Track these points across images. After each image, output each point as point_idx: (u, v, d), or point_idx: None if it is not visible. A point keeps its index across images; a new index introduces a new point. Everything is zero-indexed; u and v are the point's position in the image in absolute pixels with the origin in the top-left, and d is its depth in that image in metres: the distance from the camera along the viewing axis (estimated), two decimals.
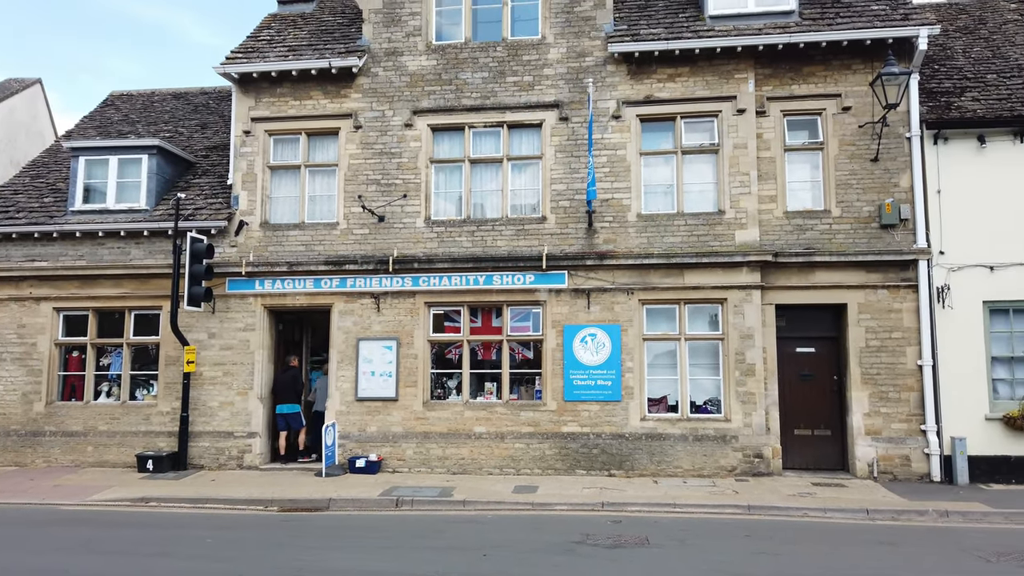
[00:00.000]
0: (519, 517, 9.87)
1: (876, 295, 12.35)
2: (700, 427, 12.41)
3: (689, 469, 12.26)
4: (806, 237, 12.56)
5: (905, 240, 12.30)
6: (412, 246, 13.25)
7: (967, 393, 11.94)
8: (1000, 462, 11.75)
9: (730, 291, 12.50)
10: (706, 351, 12.74)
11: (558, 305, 12.87)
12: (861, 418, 12.19)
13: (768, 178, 12.73)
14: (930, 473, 11.88)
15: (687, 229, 12.76)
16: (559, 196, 13.04)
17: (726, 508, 10.13)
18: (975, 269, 12.09)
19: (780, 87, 12.79)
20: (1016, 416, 11.67)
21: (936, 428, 11.90)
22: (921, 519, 9.70)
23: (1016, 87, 12.77)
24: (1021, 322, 12.10)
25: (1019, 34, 14.00)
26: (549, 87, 13.21)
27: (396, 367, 13.07)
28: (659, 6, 13.77)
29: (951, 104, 12.58)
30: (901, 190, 12.39)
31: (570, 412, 12.68)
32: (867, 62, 12.49)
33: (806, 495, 10.74)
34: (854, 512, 9.87)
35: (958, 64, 13.49)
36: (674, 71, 12.93)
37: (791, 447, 12.61)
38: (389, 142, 13.52)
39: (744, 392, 12.33)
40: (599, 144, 12.96)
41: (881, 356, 12.26)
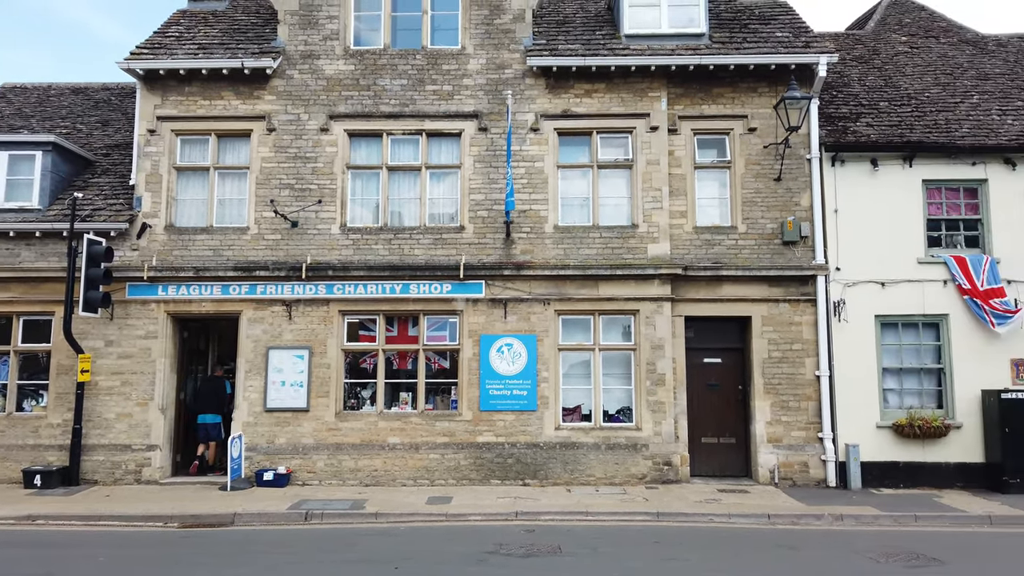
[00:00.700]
0: (433, 528, 9.76)
1: (778, 308, 12.91)
2: (612, 436, 12.63)
3: (601, 477, 12.45)
4: (714, 252, 13.01)
5: (805, 256, 12.93)
6: (327, 253, 12.98)
7: (861, 402, 12.61)
8: (890, 467, 12.46)
9: (642, 303, 12.81)
10: (619, 361, 13.00)
11: (475, 315, 12.87)
12: (764, 426, 12.70)
13: (679, 194, 13.14)
14: (827, 479, 12.47)
15: (602, 242, 13.01)
16: (478, 206, 13.06)
17: (637, 515, 10.33)
18: (868, 285, 12.81)
19: (691, 107, 13.25)
20: (904, 424, 12.40)
21: (832, 436, 12.52)
22: (818, 523, 10.16)
23: (906, 114, 13.67)
24: (909, 335, 12.90)
25: (908, 65, 15.01)
26: (468, 97, 13.24)
27: (308, 377, 12.74)
28: (577, 22, 14.04)
29: (847, 128, 13.35)
30: (802, 209, 13.03)
31: (486, 422, 12.67)
32: (772, 86, 13.11)
33: (712, 501, 11.08)
34: (757, 517, 10.25)
35: (854, 91, 14.34)
36: (591, 87, 13.20)
37: (698, 455, 12.99)
38: (304, 146, 13.22)
39: (655, 401, 12.63)
40: (518, 156, 13.07)
41: (782, 367, 12.81)
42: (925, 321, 12.83)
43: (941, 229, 13.06)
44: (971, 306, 12.55)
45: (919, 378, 12.86)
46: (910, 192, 12.97)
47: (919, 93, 14.21)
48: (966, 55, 15.28)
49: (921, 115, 13.62)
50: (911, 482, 12.35)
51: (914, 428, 12.29)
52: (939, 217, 13.06)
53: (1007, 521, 10.18)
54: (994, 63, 15.01)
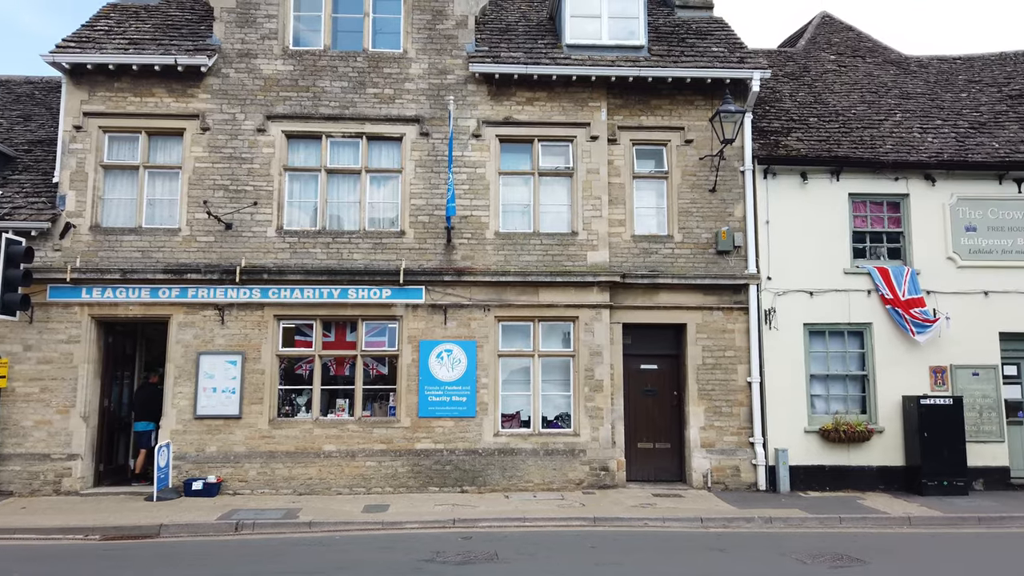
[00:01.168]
0: (368, 537, 9.62)
1: (712, 316, 13.22)
2: (551, 442, 12.70)
3: (539, 483, 12.49)
4: (651, 260, 13.25)
5: (738, 266, 13.28)
6: (262, 256, 12.69)
7: (790, 408, 13.01)
8: (817, 471, 12.87)
9: (582, 309, 12.93)
10: (558, 367, 13.09)
11: (415, 320, 12.77)
12: (697, 431, 12.97)
13: (618, 203, 13.33)
14: (757, 482, 12.81)
15: (543, 248, 13.09)
16: (418, 211, 12.98)
17: (573, 521, 10.40)
18: (797, 294, 13.25)
19: (630, 117, 13.48)
20: (830, 429, 12.84)
21: (763, 440, 12.87)
22: (748, 526, 10.42)
23: (834, 130, 14.20)
24: (835, 343, 13.38)
25: (837, 83, 15.61)
26: (410, 101, 13.17)
27: (241, 383, 12.42)
28: (519, 31, 14.13)
29: (779, 143, 13.79)
30: (735, 219, 13.38)
31: (424, 428, 12.57)
32: (708, 99, 13.44)
33: (647, 506, 11.24)
34: (690, 521, 10.45)
35: (786, 107, 14.83)
36: (532, 95, 13.29)
37: (634, 460, 13.18)
38: (240, 147, 12.91)
39: (592, 407, 12.76)
40: (459, 161, 13.05)
41: (716, 373, 13.12)
42: (850, 329, 13.32)
43: (866, 241, 13.61)
44: (893, 315, 13.09)
45: (844, 384, 13.35)
46: (837, 205, 13.47)
47: (846, 110, 14.79)
48: (890, 75, 15.98)
49: (848, 131, 14.17)
50: (836, 485, 12.79)
51: (839, 433, 12.73)
52: (864, 229, 13.61)
53: (925, 522, 10.63)
54: (916, 83, 15.75)
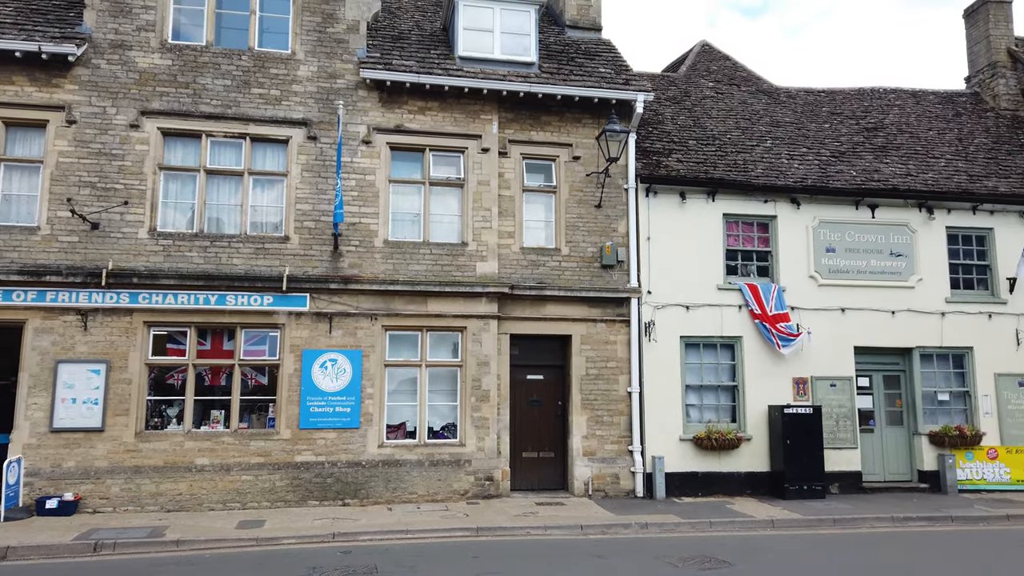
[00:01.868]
0: (242, 555, 9.23)
1: (596, 328, 13.60)
2: (436, 452, 12.64)
3: (424, 495, 12.40)
4: (539, 272, 13.49)
5: (621, 280, 13.75)
6: (132, 259, 11.98)
7: (667, 417, 13.56)
8: (691, 477, 13.47)
9: (470, 320, 12.98)
10: (445, 378, 13.07)
11: (298, 329, 12.41)
12: (580, 440, 13.28)
13: (508, 215, 13.51)
14: (635, 489, 13.25)
15: (432, 258, 13.06)
16: (304, 216, 12.65)
17: (457, 531, 10.39)
18: (675, 308, 13.85)
19: (521, 132, 13.71)
20: (703, 437, 13.47)
21: (641, 449, 13.34)
22: (626, 531, 10.76)
23: (711, 153, 15.00)
24: (708, 355, 14.07)
25: (714, 109, 16.51)
26: (298, 104, 12.84)
27: (105, 393, 11.63)
28: (412, 39, 14.09)
29: (661, 163, 14.42)
30: (619, 235, 13.86)
31: (305, 440, 12.21)
32: (595, 118, 13.88)
33: (530, 514, 11.39)
34: (571, 528, 10.67)
35: (667, 129, 15.53)
36: (424, 104, 13.27)
37: (519, 469, 13.33)
38: (110, 142, 12.16)
39: (479, 417, 12.82)
40: (348, 167, 12.84)
41: (598, 383, 13.49)
42: (723, 342, 14.06)
43: (738, 259, 14.43)
44: (761, 329, 13.93)
45: (717, 394, 14.06)
46: (712, 224, 14.22)
47: (722, 134, 15.66)
48: (762, 103, 17.06)
49: (723, 155, 15.01)
50: (708, 490, 13.42)
51: (711, 440, 13.38)
52: (737, 248, 14.42)
53: (786, 524, 11.33)
54: (785, 112, 16.89)
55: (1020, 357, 14.69)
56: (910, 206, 14.82)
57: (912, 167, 15.57)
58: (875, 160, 15.67)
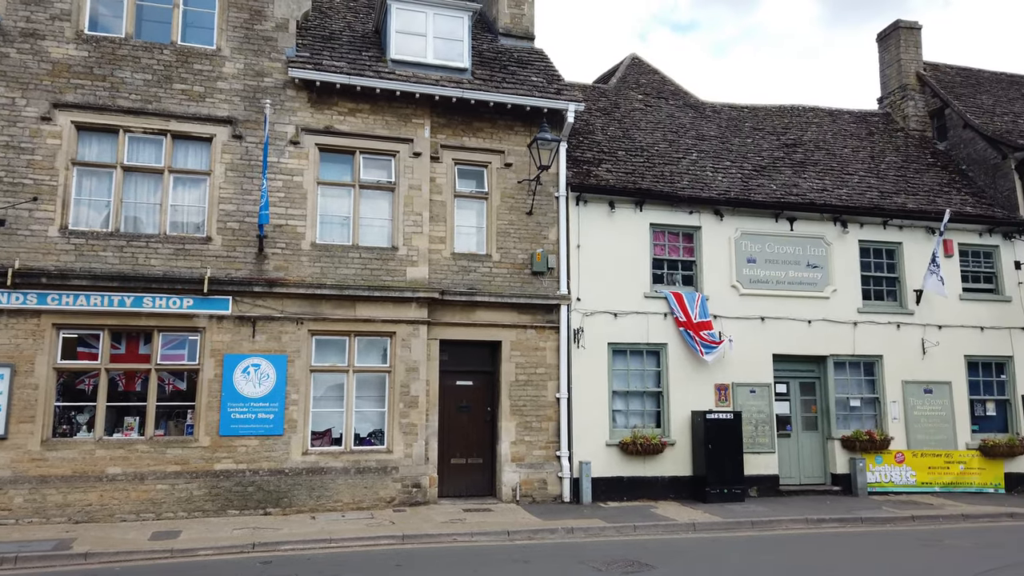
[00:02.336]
0: (154, 567, 8.86)
1: (526, 334, 13.68)
2: (363, 459, 12.45)
3: (349, 502, 12.19)
4: (470, 278, 13.49)
5: (551, 286, 13.87)
6: (41, 258, 11.39)
7: (594, 422, 13.73)
8: (616, 482, 13.66)
9: (399, 325, 12.86)
10: (373, 383, 12.90)
11: (220, 333, 12.04)
12: (508, 446, 13.31)
13: (439, 220, 13.46)
14: (562, 494, 13.35)
15: (361, 262, 12.89)
16: (228, 217, 12.30)
17: (382, 539, 10.25)
18: (603, 315, 14.06)
19: (453, 137, 13.70)
20: (629, 442, 13.69)
21: (568, 454, 13.46)
22: (552, 536, 10.82)
23: (639, 164, 15.32)
24: (635, 362, 14.34)
25: (643, 121, 16.88)
26: (223, 101, 12.48)
27: (8, 400, 11.01)
28: (343, 40, 13.91)
29: (591, 172, 14.64)
30: (550, 242, 13.99)
31: (226, 448, 11.84)
32: (527, 126, 13.99)
33: (457, 521, 11.34)
34: (497, 534, 10.66)
35: (597, 139, 15.79)
36: (355, 106, 13.11)
37: (447, 475, 13.26)
38: (19, 135, 11.55)
39: (407, 423, 12.69)
40: (275, 168, 12.55)
41: (528, 389, 13.56)
42: (649, 349, 14.35)
43: (664, 268, 14.76)
44: (686, 337, 14.27)
45: (643, 400, 14.33)
46: (640, 233, 14.51)
47: (650, 146, 16.03)
48: (689, 117, 17.55)
49: (651, 166, 15.35)
50: (634, 495, 13.65)
51: (637, 446, 13.62)
52: (663, 257, 14.76)
53: (707, 527, 11.62)
54: (710, 126, 17.41)
55: (925, 365, 15.50)
56: (826, 220, 15.47)
57: (828, 183, 16.28)
58: (794, 175, 16.31)
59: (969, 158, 18.00)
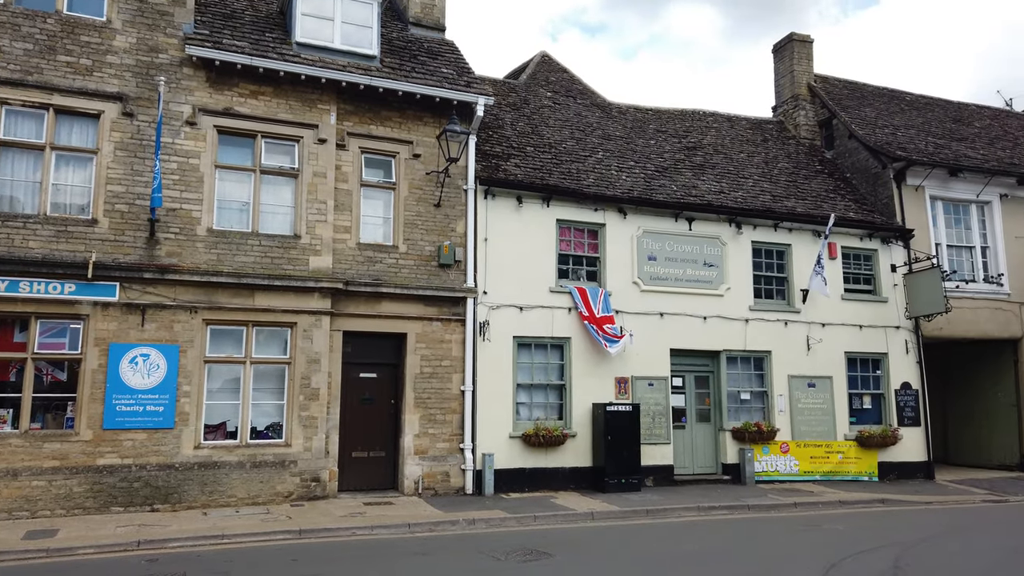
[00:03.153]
0: (27, 568, 8.32)
1: (432, 327, 13.62)
2: (259, 453, 12.08)
3: (244, 498, 11.80)
4: (375, 269, 13.30)
5: (458, 279, 13.86)
6: None
7: (498, 415, 13.83)
8: (518, 473, 13.81)
9: (301, 316, 12.54)
10: (272, 375, 12.53)
11: (105, 320, 11.39)
12: (412, 439, 13.23)
13: (344, 209, 13.20)
14: (465, 487, 13.39)
15: (261, 250, 12.48)
16: (117, 199, 11.65)
17: (277, 535, 9.98)
18: (509, 308, 14.17)
19: (360, 125, 13.46)
20: (532, 434, 13.87)
21: (472, 446, 13.51)
22: (453, 528, 10.84)
23: (547, 160, 15.51)
24: (539, 355, 14.53)
25: (551, 118, 17.10)
26: (112, 76, 11.80)
27: None
28: (246, 19, 13.41)
29: (499, 166, 14.71)
30: (457, 235, 13.97)
31: (110, 442, 11.22)
32: (436, 117, 13.91)
33: (357, 515, 11.18)
34: (398, 527, 10.59)
35: (507, 134, 15.88)
36: (257, 88, 12.67)
37: (348, 469, 13.04)
38: None
39: (307, 416, 12.40)
40: (169, 149, 11.97)
41: (432, 382, 13.51)
42: (553, 342, 14.57)
43: (569, 263, 15.02)
44: (589, 331, 14.57)
45: (546, 393, 14.54)
46: (546, 229, 14.70)
47: (558, 143, 16.26)
48: (596, 116, 17.90)
49: (559, 163, 15.58)
50: (535, 486, 13.84)
51: (539, 437, 13.81)
52: (568, 252, 15.01)
53: (606, 516, 11.92)
54: (616, 127, 17.82)
55: (810, 361, 16.43)
56: (722, 221, 16.13)
57: (725, 185, 16.98)
58: (694, 177, 16.93)
59: (853, 167, 19.19)
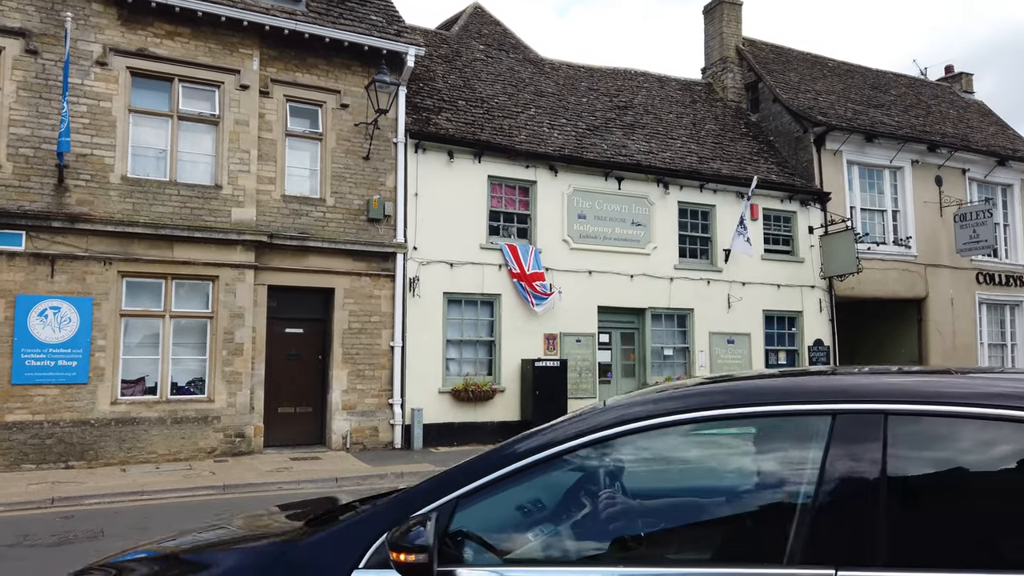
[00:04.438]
0: None
1: (360, 282, 13.45)
2: (181, 409, 11.79)
3: (165, 454, 11.54)
4: (302, 222, 12.99)
5: (387, 234, 13.69)
6: None
7: (428, 370, 13.86)
8: (447, 428, 13.94)
9: (223, 269, 12.18)
10: (194, 330, 12.18)
11: (11, 271, 10.80)
12: (340, 395, 13.14)
13: (269, 159, 12.79)
14: (394, 441, 13.44)
15: (180, 200, 12.01)
16: (21, 142, 10.95)
17: (200, 491, 9.81)
18: (439, 265, 14.12)
19: (285, 72, 12.99)
20: (461, 389, 13.98)
21: (401, 401, 13.53)
22: (381, 482, 10.86)
23: (478, 115, 15.35)
24: (469, 311, 14.57)
25: (484, 72, 16.88)
26: (13, 10, 10.99)
27: None
28: None
29: (430, 120, 14.48)
30: (387, 189, 13.75)
31: (19, 398, 10.75)
32: (365, 67, 13.53)
33: (283, 469, 11.09)
34: (325, 481, 10.55)
35: (438, 87, 15.61)
36: (174, 29, 12.03)
37: (274, 425, 12.89)
38: None
39: (231, 372, 12.14)
40: (78, 91, 11.29)
41: (361, 338, 13.40)
42: (483, 299, 14.63)
43: (500, 220, 15.02)
44: (518, 288, 14.68)
45: (476, 349, 14.64)
46: (478, 185, 14.62)
47: (490, 98, 16.09)
48: (528, 72, 17.77)
49: (491, 118, 15.44)
50: (464, 440, 13.98)
51: (469, 392, 13.94)
52: (500, 209, 15.00)
53: None
54: (548, 83, 17.75)
55: (730, 318, 17.02)
56: (650, 181, 16.38)
57: (654, 146, 17.22)
58: (624, 136, 17.08)
59: (776, 130, 19.73)
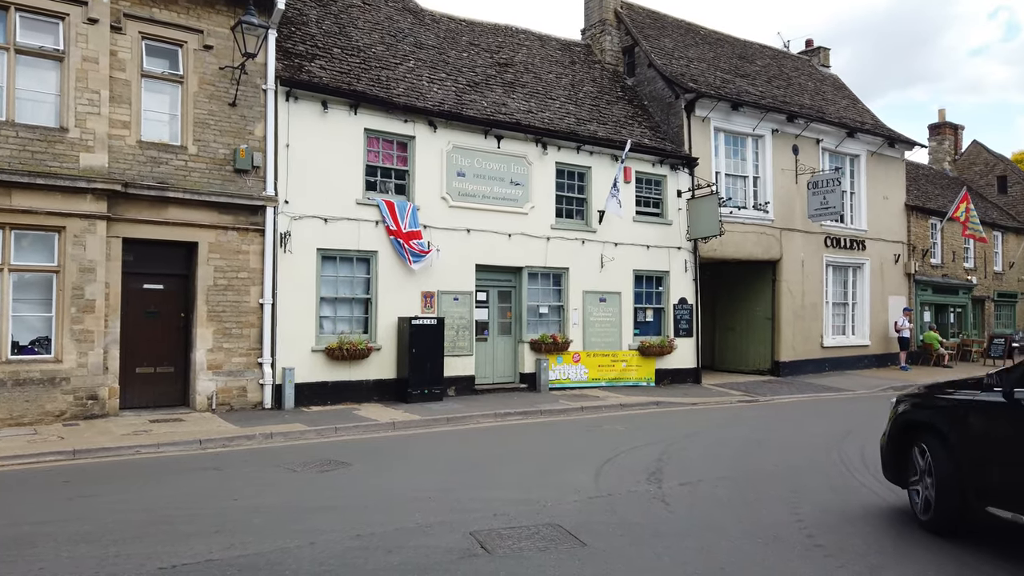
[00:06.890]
0: None
1: (227, 236, 12.82)
2: (23, 370, 10.92)
3: (6, 418, 10.69)
4: (161, 171, 12.17)
5: (256, 187, 13.08)
6: None
7: (300, 329, 13.50)
8: (321, 387, 13.70)
9: (71, 219, 11.26)
10: (38, 285, 11.25)
11: None
12: (204, 354, 12.58)
13: (122, 102, 11.83)
14: (263, 401, 13.06)
15: (19, 143, 10.93)
16: None
17: (47, 456, 9.19)
18: (313, 220, 13.67)
19: (140, 6, 11.98)
20: (335, 347, 13.73)
21: (271, 361, 13.13)
22: (249, 443, 10.59)
23: (355, 65, 14.81)
24: (344, 268, 14.25)
25: (360, 19, 16.26)
26: None
27: None
28: None
29: (303, 67, 13.83)
30: (256, 138, 13.09)
31: None
32: (231, 6, 12.69)
33: (141, 433, 10.55)
34: (188, 444, 10.14)
35: (312, 32, 14.90)
36: None
37: (132, 386, 12.20)
38: None
39: (81, 330, 11.33)
40: None
41: (228, 295, 12.83)
42: (359, 256, 14.34)
43: (377, 175, 14.68)
44: (395, 245, 14.49)
45: (351, 306, 14.38)
46: (354, 138, 14.19)
47: (367, 48, 15.55)
48: (408, 22, 17.28)
49: (367, 68, 14.94)
50: (338, 399, 13.81)
51: (343, 351, 13.72)
52: (377, 164, 14.65)
53: (406, 425, 12.22)
54: (428, 35, 17.35)
55: (603, 278, 17.58)
56: (529, 141, 16.48)
57: (534, 105, 17.29)
58: (504, 94, 17.03)
59: (651, 95, 20.29)
